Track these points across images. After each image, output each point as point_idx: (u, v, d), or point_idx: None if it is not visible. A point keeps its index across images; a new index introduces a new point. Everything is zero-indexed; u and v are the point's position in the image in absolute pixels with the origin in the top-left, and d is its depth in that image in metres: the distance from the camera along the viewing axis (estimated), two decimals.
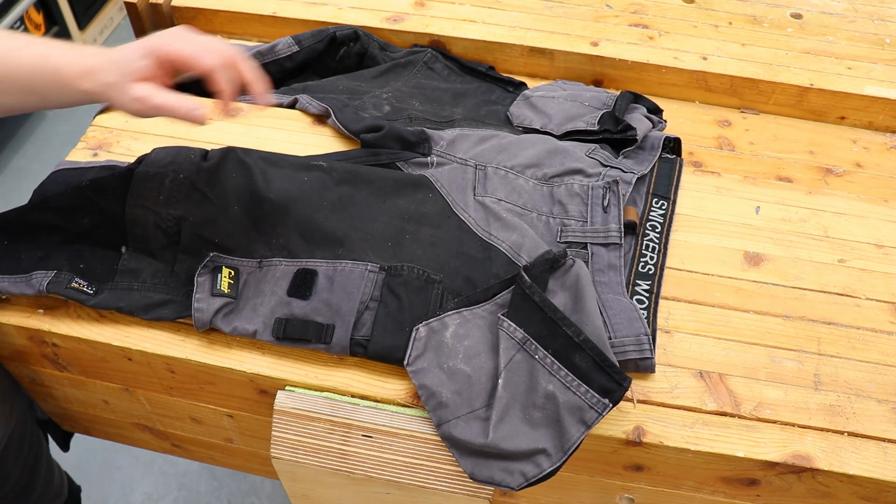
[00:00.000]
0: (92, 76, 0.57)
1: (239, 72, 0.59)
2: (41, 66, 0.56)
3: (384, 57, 0.87)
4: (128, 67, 0.57)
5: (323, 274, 0.61)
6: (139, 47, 0.57)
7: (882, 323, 0.64)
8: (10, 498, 0.73)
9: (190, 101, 0.57)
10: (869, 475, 0.55)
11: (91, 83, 0.57)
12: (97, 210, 0.65)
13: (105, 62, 0.57)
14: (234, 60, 0.58)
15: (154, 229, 0.64)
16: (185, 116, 0.57)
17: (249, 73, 0.59)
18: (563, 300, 0.59)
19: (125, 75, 0.57)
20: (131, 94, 0.57)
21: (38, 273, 0.61)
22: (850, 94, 0.81)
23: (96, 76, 0.57)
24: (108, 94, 0.57)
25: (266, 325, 0.60)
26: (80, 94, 0.58)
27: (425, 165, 0.71)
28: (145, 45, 0.57)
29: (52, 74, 0.57)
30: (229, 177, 0.66)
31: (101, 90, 0.57)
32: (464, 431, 0.55)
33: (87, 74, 0.57)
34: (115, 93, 0.57)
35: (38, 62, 0.57)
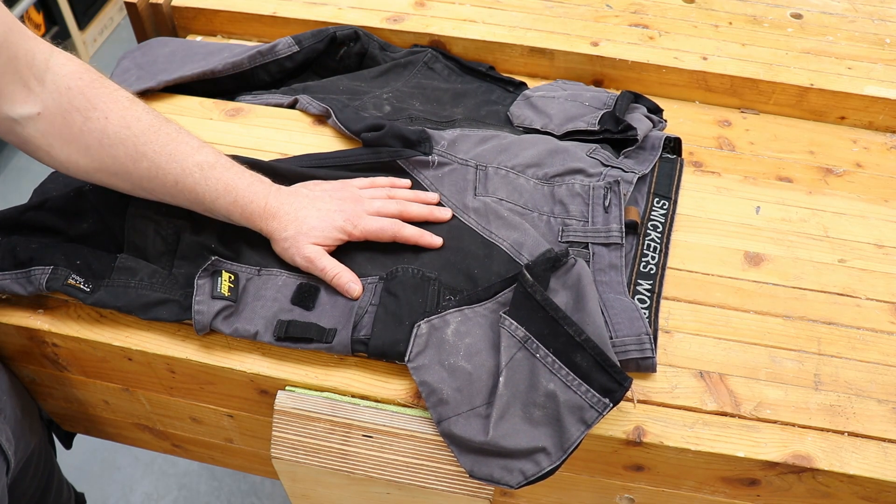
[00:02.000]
0: (272, 221, 0.61)
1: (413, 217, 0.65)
2: (224, 193, 0.60)
3: (384, 57, 0.87)
4: (311, 232, 0.61)
5: (325, 290, 0.62)
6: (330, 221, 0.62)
7: (882, 323, 0.64)
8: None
9: (348, 274, 0.61)
10: (869, 475, 0.55)
11: (269, 226, 0.61)
12: (98, 216, 0.65)
13: (290, 216, 0.61)
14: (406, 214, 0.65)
15: (154, 237, 0.64)
16: (340, 287, 0.61)
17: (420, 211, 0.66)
18: (564, 299, 0.59)
19: (304, 235, 0.61)
20: (303, 254, 0.61)
21: (36, 269, 0.61)
22: (850, 94, 0.81)
23: (275, 223, 0.61)
24: (279, 244, 0.62)
25: (267, 326, 0.60)
26: (252, 227, 0.62)
27: (427, 165, 0.71)
28: (336, 223, 0.62)
29: (233, 205, 0.60)
30: None
31: (276, 236, 0.61)
32: (464, 429, 0.55)
33: (269, 218, 0.61)
34: (288, 244, 0.61)
35: (223, 190, 0.60)
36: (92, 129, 0.57)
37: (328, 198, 0.63)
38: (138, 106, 0.60)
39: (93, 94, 0.57)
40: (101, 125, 0.57)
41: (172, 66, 0.82)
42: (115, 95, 0.59)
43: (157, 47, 0.86)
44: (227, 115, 0.79)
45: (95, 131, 0.57)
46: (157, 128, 0.59)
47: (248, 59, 0.82)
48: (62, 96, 0.56)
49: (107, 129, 0.57)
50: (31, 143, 0.57)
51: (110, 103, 0.58)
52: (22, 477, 0.69)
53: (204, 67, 0.81)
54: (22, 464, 0.68)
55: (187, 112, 0.80)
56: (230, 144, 0.76)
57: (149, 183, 0.60)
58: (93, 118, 0.57)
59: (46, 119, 0.56)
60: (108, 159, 0.58)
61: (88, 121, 0.57)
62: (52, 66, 0.57)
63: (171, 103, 0.80)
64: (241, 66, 0.82)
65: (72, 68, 0.57)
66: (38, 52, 0.56)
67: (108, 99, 0.58)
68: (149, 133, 0.58)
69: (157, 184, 0.59)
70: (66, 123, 0.57)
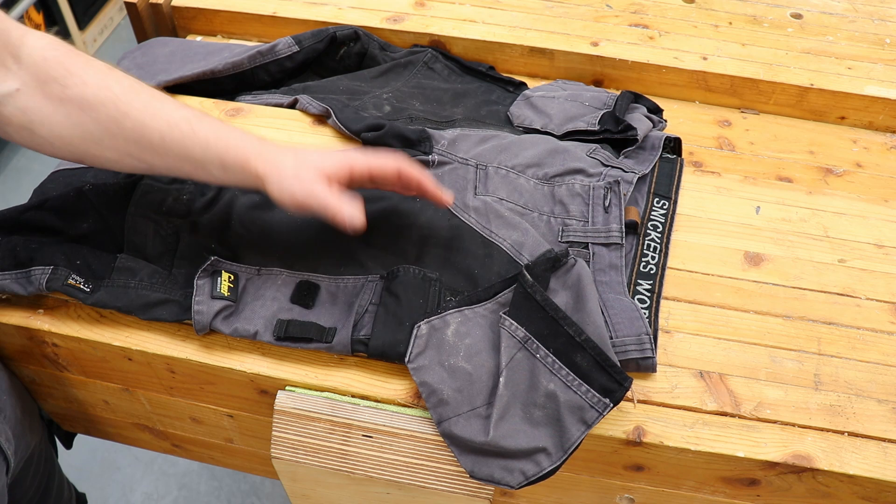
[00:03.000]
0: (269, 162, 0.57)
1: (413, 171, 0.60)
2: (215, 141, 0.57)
3: (384, 57, 0.87)
4: (312, 163, 0.57)
5: (325, 289, 0.62)
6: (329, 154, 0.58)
7: (882, 323, 0.64)
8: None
9: (350, 207, 0.56)
10: (869, 475, 0.55)
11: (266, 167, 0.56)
12: (98, 216, 0.65)
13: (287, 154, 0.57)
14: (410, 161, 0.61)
15: (153, 237, 0.64)
16: (342, 221, 0.56)
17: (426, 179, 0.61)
18: (564, 299, 0.59)
19: (305, 167, 0.57)
20: (304, 185, 0.56)
21: (36, 269, 0.61)
22: (850, 94, 0.81)
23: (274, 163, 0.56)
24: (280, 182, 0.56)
25: (267, 325, 0.60)
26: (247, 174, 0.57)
27: (427, 164, 0.71)
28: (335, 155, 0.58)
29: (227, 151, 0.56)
30: (231, 194, 0.68)
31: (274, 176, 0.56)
32: (464, 429, 0.55)
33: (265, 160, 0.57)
34: (288, 180, 0.56)
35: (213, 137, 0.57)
36: (71, 95, 0.56)
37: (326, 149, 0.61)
38: (116, 71, 0.58)
39: (69, 62, 0.56)
40: (80, 90, 0.56)
41: (172, 66, 0.82)
42: (92, 62, 0.57)
43: (156, 47, 0.85)
44: (227, 115, 0.79)
45: (75, 97, 0.56)
46: (137, 88, 0.57)
47: (248, 59, 0.82)
48: (39, 68, 0.55)
49: (86, 94, 0.56)
50: (13, 122, 0.56)
51: (87, 69, 0.56)
52: (22, 477, 0.69)
53: (204, 67, 0.81)
54: (22, 464, 0.68)
55: None
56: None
57: (135, 145, 0.57)
58: (71, 84, 0.55)
59: (25, 94, 0.55)
60: (91, 124, 0.56)
61: (67, 88, 0.55)
62: (26, 42, 0.56)
63: None
64: (241, 66, 0.82)
65: (46, 41, 0.56)
66: (13, 29, 0.55)
67: (84, 65, 0.57)
68: (130, 93, 0.57)
69: (143, 144, 0.57)
70: (45, 95, 0.55)
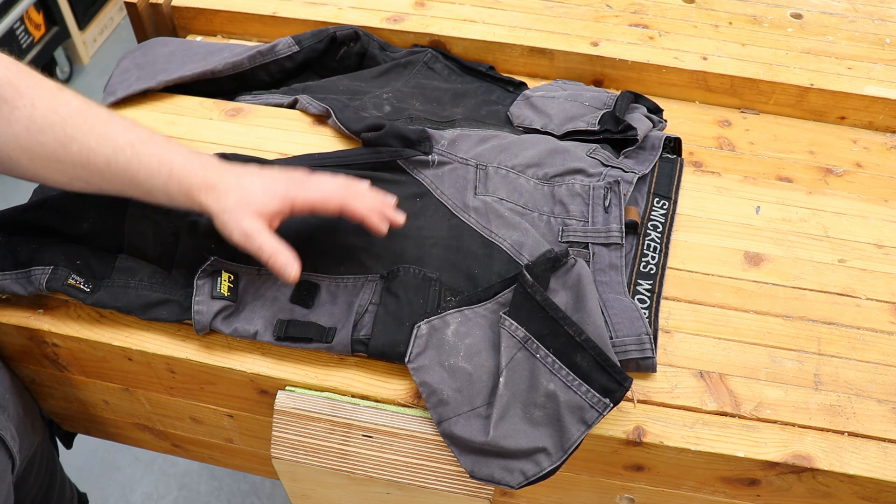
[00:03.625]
0: (211, 193, 0.56)
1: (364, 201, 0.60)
2: (158, 168, 0.56)
3: (384, 57, 0.87)
4: (251, 199, 0.56)
5: (325, 289, 0.62)
6: (270, 187, 0.57)
7: (882, 323, 0.64)
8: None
9: (286, 255, 0.56)
10: (869, 475, 0.55)
11: (208, 199, 0.56)
12: (98, 216, 0.65)
13: (229, 184, 0.56)
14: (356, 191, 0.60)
15: (153, 238, 0.64)
16: (275, 269, 0.56)
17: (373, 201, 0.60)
18: (564, 299, 0.59)
19: (245, 205, 0.56)
20: (242, 227, 0.56)
21: (36, 269, 0.61)
22: (850, 94, 0.81)
23: (215, 194, 0.56)
24: (219, 216, 0.56)
25: (267, 326, 0.60)
26: (191, 202, 0.57)
27: (427, 164, 0.71)
28: (277, 188, 0.57)
29: (169, 178, 0.56)
30: None
31: (215, 209, 0.56)
32: (464, 429, 0.55)
33: (208, 190, 0.56)
34: (227, 217, 0.56)
35: (156, 164, 0.56)
36: (19, 117, 0.55)
37: (276, 171, 0.60)
38: (66, 92, 0.57)
39: (19, 83, 0.55)
40: (28, 112, 0.55)
41: (172, 66, 0.82)
42: (43, 83, 0.57)
43: (157, 47, 0.85)
44: (227, 115, 0.79)
45: (23, 119, 0.55)
46: (85, 111, 0.57)
47: (248, 59, 0.82)
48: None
49: (34, 116, 0.55)
50: None
51: (37, 90, 0.56)
52: (26, 476, 0.69)
53: (204, 67, 0.81)
54: (25, 463, 0.68)
55: (187, 112, 0.80)
56: (230, 144, 0.76)
57: (82, 169, 0.56)
58: (20, 106, 0.55)
59: None
60: (38, 147, 0.55)
61: (15, 109, 0.55)
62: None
63: (171, 103, 0.80)
64: (241, 66, 0.82)
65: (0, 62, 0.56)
66: None
67: (35, 86, 0.56)
68: (77, 116, 0.56)
69: (89, 169, 0.56)
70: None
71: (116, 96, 0.79)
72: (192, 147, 0.59)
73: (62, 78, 2.05)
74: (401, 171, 0.71)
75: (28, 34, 1.82)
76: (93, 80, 2.09)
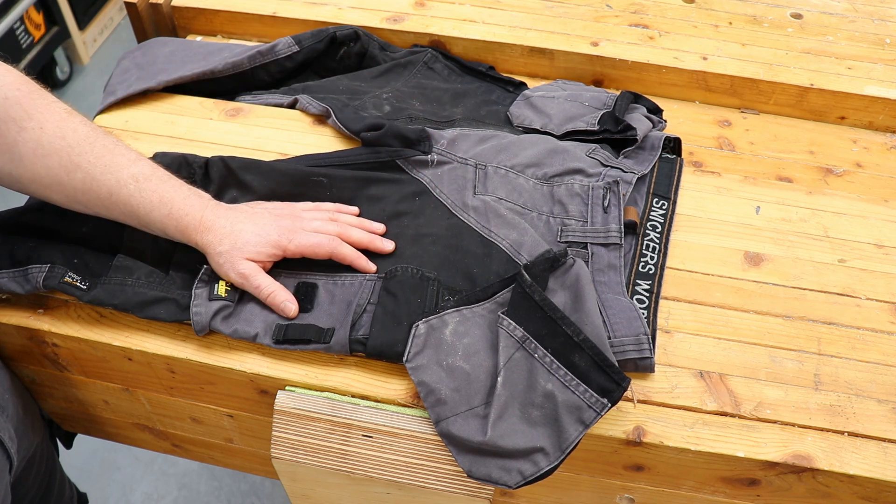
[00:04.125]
0: (207, 235, 0.59)
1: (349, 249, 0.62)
2: (158, 205, 0.58)
3: (384, 57, 0.87)
4: (245, 246, 0.59)
5: (323, 288, 0.62)
6: (263, 235, 0.60)
7: (882, 323, 0.64)
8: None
9: (283, 293, 0.60)
10: (869, 475, 0.55)
11: (203, 240, 0.59)
12: (97, 219, 0.65)
13: (224, 230, 0.59)
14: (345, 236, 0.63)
15: (152, 241, 0.64)
16: (275, 306, 0.60)
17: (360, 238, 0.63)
18: (562, 299, 0.59)
19: (238, 251, 0.59)
20: (237, 269, 0.59)
21: (33, 267, 0.61)
22: (850, 94, 0.81)
23: (210, 237, 0.59)
24: (214, 259, 0.60)
25: (266, 330, 0.60)
26: (187, 241, 0.60)
27: (426, 164, 0.71)
28: (270, 237, 0.60)
29: (168, 217, 0.59)
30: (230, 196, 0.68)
31: (210, 251, 0.60)
32: (462, 429, 0.55)
33: (204, 232, 0.59)
34: (222, 260, 0.59)
35: (157, 202, 0.58)
36: (26, 139, 0.56)
37: (267, 214, 0.63)
38: (75, 118, 0.58)
39: (29, 105, 0.56)
40: (36, 135, 0.56)
41: (172, 66, 0.82)
42: (53, 107, 0.58)
43: (157, 47, 0.86)
44: (227, 115, 0.79)
45: (30, 141, 0.56)
46: (92, 139, 0.58)
47: (248, 59, 0.82)
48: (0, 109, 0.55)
49: (41, 140, 0.56)
50: None
51: (46, 114, 0.57)
52: (24, 476, 0.69)
53: (204, 67, 0.81)
54: (24, 463, 0.68)
55: (187, 112, 0.80)
56: (230, 144, 0.76)
57: (83, 195, 0.58)
58: (27, 128, 0.56)
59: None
60: (42, 170, 0.57)
61: (23, 131, 0.56)
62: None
63: (171, 103, 0.81)
64: (241, 66, 0.82)
65: (11, 79, 0.56)
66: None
67: (44, 109, 0.57)
68: (84, 144, 0.57)
69: (91, 196, 0.58)
70: (1, 133, 0.56)
71: (116, 96, 0.79)
72: (192, 187, 0.61)
73: (62, 78, 2.05)
74: (400, 170, 0.71)
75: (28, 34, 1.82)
76: (93, 80, 2.09)
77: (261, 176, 0.68)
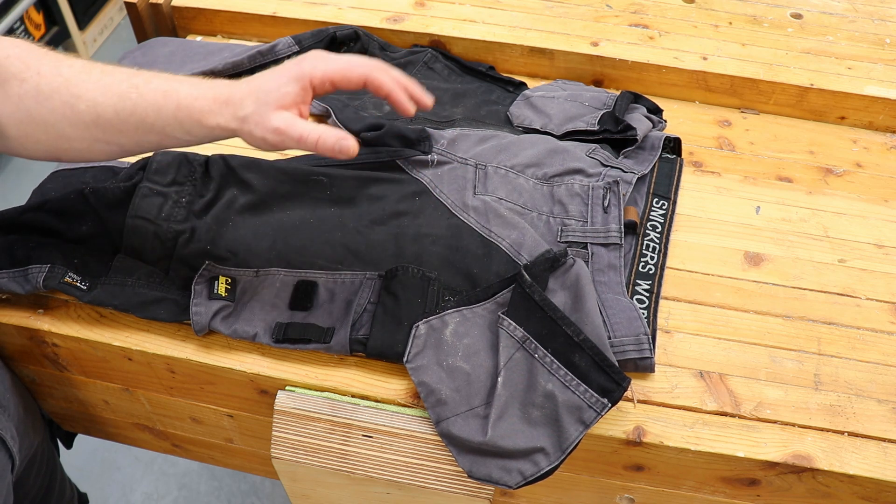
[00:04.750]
0: (226, 108, 0.52)
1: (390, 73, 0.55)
2: (164, 101, 0.53)
3: (384, 57, 0.87)
4: (268, 96, 0.52)
5: (323, 286, 0.62)
6: (282, 74, 0.53)
7: (882, 323, 0.64)
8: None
9: (333, 131, 0.52)
10: (869, 475, 0.55)
11: (225, 116, 0.52)
12: (97, 218, 0.65)
13: (242, 91, 0.53)
14: (382, 65, 0.54)
15: (152, 242, 0.64)
16: (331, 148, 0.52)
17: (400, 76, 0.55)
18: (563, 299, 0.59)
19: (265, 104, 0.52)
20: (271, 125, 0.51)
21: (33, 267, 0.61)
22: (850, 94, 0.81)
23: (231, 107, 0.52)
24: (242, 128, 0.53)
25: (266, 329, 0.60)
26: (208, 129, 0.54)
27: (426, 164, 0.71)
28: (290, 72, 0.53)
29: (178, 110, 0.53)
30: (230, 194, 0.67)
31: (236, 124, 0.53)
32: (462, 429, 0.55)
33: (221, 106, 0.53)
34: (251, 125, 0.52)
35: (162, 98, 0.53)
36: (28, 89, 0.54)
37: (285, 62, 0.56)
38: (70, 56, 0.56)
39: (28, 56, 0.54)
40: (35, 81, 0.54)
41: (172, 66, 0.82)
42: (48, 53, 0.55)
43: (157, 47, 0.86)
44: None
45: (31, 90, 0.54)
46: (89, 67, 0.55)
47: (248, 59, 0.82)
48: (1, 67, 0.54)
49: (40, 84, 0.54)
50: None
51: (43, 58, 0.55)
52: (26, 475, 0.69)
53: (204, 67, 0.81)
54: (25, 463, 0.68)
55: None
56: (230, 144, 0.76)
57: (94, 128, 0.54)
58: (28, 78, 0.54)
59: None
60: (48, 114, 0.54)
61: (24, 82, 0.54)
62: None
63: None
64: (241, 66, 0.82)
65: (9, 41, 0.55)
66: None
67: (40, 56, 0.55)
68: (81, 74, 0.54)
69: (101, 125, 0.54)
70: (7, 94, 0.54)
71: None
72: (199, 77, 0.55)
73: None
74: (400, 170, 0.71)
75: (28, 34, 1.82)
76: None
77: (261, 174, 0.68)
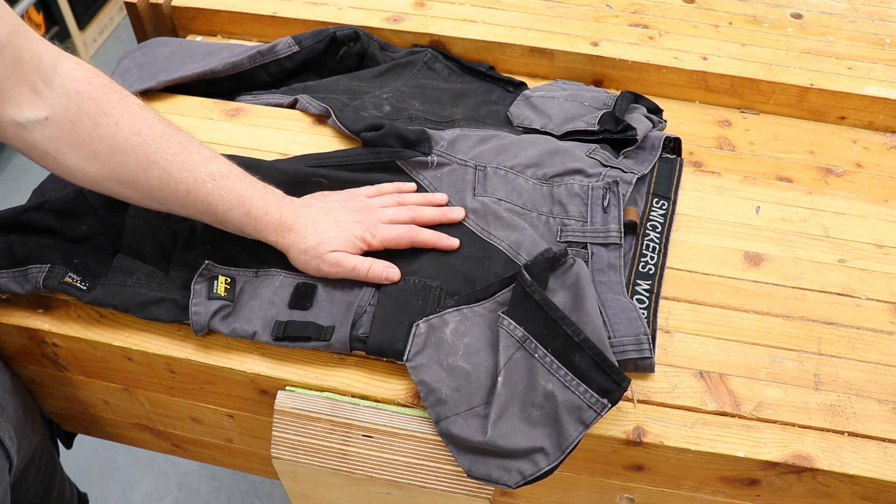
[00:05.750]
0: (288, 234, 0.60)
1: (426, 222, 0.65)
2: (237, 204, 0.59)
3: (384, 57, 0.87)
4: (334, 241, 0.60)
5: (322, 289, 0.62)
6: (347, 229, 0.61)
7: (882, 323, 0.64)
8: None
9: (380, 263, 0.61)
10: (869, 475, 0.55)
11: (285, 240, 0.60)
12: (97, 218, 0.65)
13: (307, 228, 0.60)
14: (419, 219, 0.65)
15: (152, 241, 0.64)
16: (378, 276, 0.61)
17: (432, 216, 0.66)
18: (563, 299, 0.59)
19: (325, 244, 0.60)
20: (329, 261, 0.60)
21: (33, 267, 0.61)
22: (850, 94, 0.81)
23: (293, 235, 0.60)
24: (298, 256, 0.61)
25: (265, 327, 0.60)
26: (264, 240, 0.61)
27: (426, 165, 0.71)
28: (354, 238, 0.61)
29: (246, 217, 0.59)
30: None
31: (293, 250, 0.60)
32: (462, 428, 0.55)
33: (285, 231, 0.60)
34: (308, 256, 0.60)
35: (236, 201, 0.59)
36: (102, 135, 0.56)
37: (341, 209, 0.63)
38: (150, 113, 0.58)
39: (103, 99, 0.56)
40: (112, 131, 0.56)
41: (172, 66, 0.82)
42: (126, 101, 0.57)
43: (157, 47, 0.86)
44: (227, 115, 0.79)
45: (106, 138, 0.56)
46: (168, 136, 0.58)
47: (248, 59, 0.82)
48: (71, 101, 0.55)
49: (117, 136, 0.56)
50: (38, 148, 0.56)
51: (121, 109, 0.56)
52: (24, 476, 0.69)
53: (204, 67, 0.81)
54: (24, 463, 0.68)
55: (187, 112, 0.80)
56: (230, 144, 0.76)
57: (159, 192, 0.58)
58: (103, 124, 0.55)
59: (55, 124, 0.55)
60: (118, 167, 0.57)
61: (98, 126, 0.55)
62: (60, 70, 0.55)
63: (171, 103, 0.81)
64: (241, 66, 0.82)
65: (81, 72, 0.56)
66: (46, 54, 0.55)
67: (119, 105, 0.57)
68: (160, 141, 0.57)
69: (167, 193, 0.58)
70: (76, 129, 0.55)
71: None
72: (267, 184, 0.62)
73: None
74: (400, 171, 0.71)
75: None
76: None
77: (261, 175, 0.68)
